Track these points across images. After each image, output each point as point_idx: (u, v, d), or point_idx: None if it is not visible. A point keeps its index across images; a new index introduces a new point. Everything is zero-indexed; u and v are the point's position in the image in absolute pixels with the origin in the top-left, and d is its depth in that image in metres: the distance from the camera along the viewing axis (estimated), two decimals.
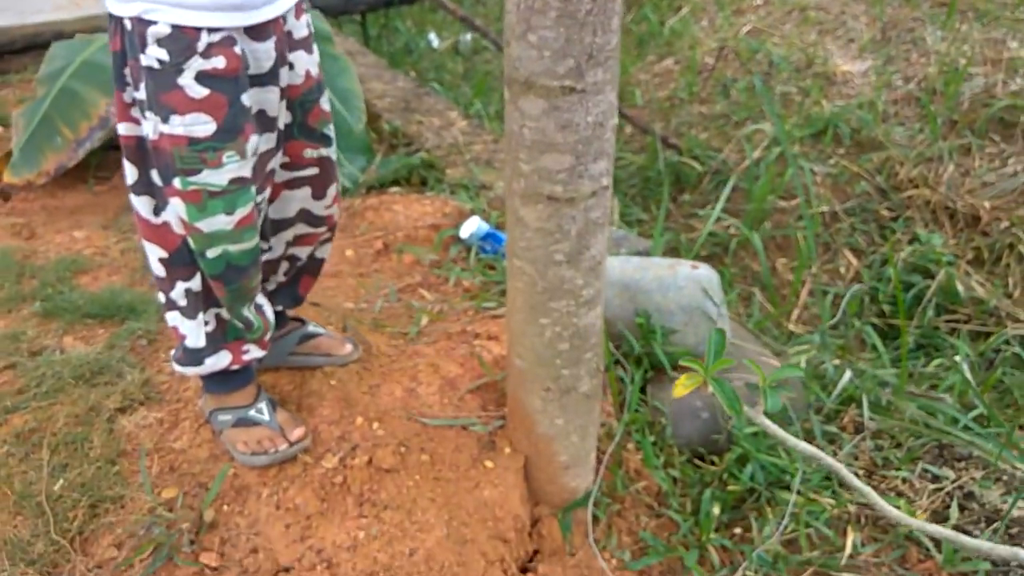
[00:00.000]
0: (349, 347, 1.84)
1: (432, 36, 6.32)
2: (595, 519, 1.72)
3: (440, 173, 3.17)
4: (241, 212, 1.37)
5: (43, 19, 4.16)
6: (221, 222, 1.36)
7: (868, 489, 1.17)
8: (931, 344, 3.01)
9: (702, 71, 4.60)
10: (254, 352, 1.60)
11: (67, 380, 1.82)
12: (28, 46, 4.11)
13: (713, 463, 1.93)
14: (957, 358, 2.44)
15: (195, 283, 1.48)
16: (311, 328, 1.84)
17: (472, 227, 2.53)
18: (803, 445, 1.18)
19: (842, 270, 3.37)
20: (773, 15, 5.00)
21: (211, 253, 1.38)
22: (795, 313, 3.18)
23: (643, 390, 2.04)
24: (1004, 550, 1.11)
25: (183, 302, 1.49)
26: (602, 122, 1.32)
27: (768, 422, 1.16)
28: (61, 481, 1.57)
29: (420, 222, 2.71)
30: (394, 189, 3.04)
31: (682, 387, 1.12)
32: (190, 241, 1.39)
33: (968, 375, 2.32)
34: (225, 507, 1.53)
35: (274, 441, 1.59)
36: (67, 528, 1.50)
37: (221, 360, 1.55)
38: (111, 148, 3.01)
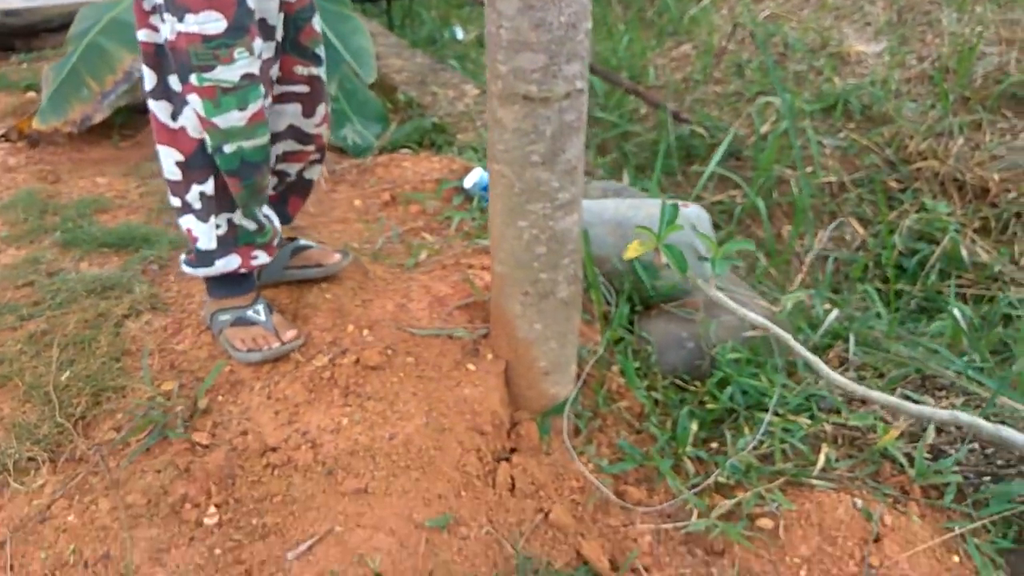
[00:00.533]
0: (338, 256, 1.93)
1: (457, 28, 6.44)
2: (576, 431, 1.78)
3: (451, 137, 3.27)
4: (253, 107, 1.47)
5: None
6: (235, 118, 1.46)
7: (814, 358, 1.22)
8: (934, 307, 3.02)
9: (718, 54, 4.66)
10: (262, 258, 1.70)
11: (80, 293, 1.93)
12: (64, 25, 4.30)
13: (696, 388, 1.97)
14: (952, 309, 2.46)
15: (208, 186, 1.58)
16: (302, 242, 1.94)
17: (475, 177, 2.62)
18: (751, 315, 1.24)
19: (848, 238, 3.39)
20: (792, 1, 5.05)
21: (228, 148, 1.49)
22: (798, 279, 3.21)
23: (631, 323, 2.09)
24: (944, 414, 1.15)
25: (197, 205, 1.60)
26: (575, 23, 1.40)
27: (715, 290, 1.22)
28: (68, 373, 1.68)
29: (427, 176, 2.80)
30: (405, 150, 3.13)
31: (633, 250, 1.18)
32: (207, 137, 1.50)
33: (961, 321, 2.34)
34: (220, 398, 1.62)
35: (268, 339, 1.68)
36: (71, 413, 1.60)
37: (231, 263, 1.65)
38: (137, 111, 3.17)
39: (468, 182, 2.63)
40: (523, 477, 1.55)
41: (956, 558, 1.55)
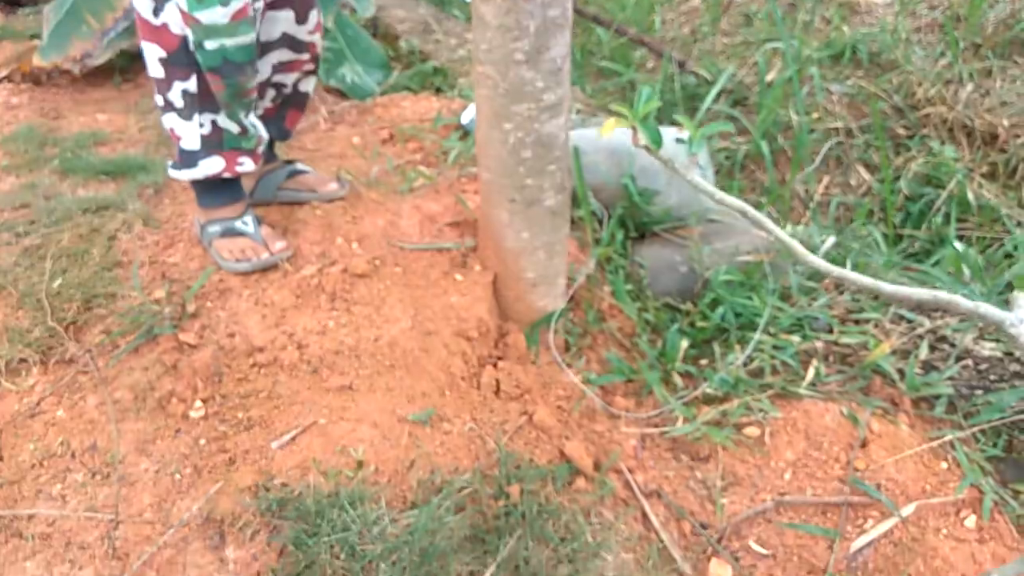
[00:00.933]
0: (335, 185, 1.93)
1: None
2: (565, 346, 1.78)
3: (452, 80, 3.25)
4: (235, 4, 1.47)
5: None
6: (218, 14, 1.46)
7: (781, 231, 1.21)
8: (937, 251, 2.99)
9: (726, 6, 4.60)
10: (247, 165, 1.70)
11: (75, 212, 1.95)
12: None
13: (687, 309, 1.97)
14: (953, 242, 2.44)
15: (191, 84, 1.58)
16: (299, 166, 1.94)
17: (472, 113, 2.60)
18: (729, 198, 1.23)
19: (853, 183, 3.36)
20: None
21: (209, 44, 1.49)
22: (802, 221, 3.19)
23: (625, 248, 2.08)
24: (924, 293, 1.14)
25: (180, 103, 1.60)
26: None
27: (698, 178, 1.21)
28: (60, 282, 1.69)
29: (426, 115, 2.79)
30: (405, 91, 3.12)
31: (608, 128, 1.18)
32: (189, 33, 1.49)
33: (959, 249, 2.32)
34: (208, 303, 1.63)
35: (256, 250, 1.69)
36: (62, 318, 1.61)
37: (214, 165, 1.65)
38: (138, 55, 3.17)
39: (465, 118, 2.61)
40: (508, 380, 1.55)
41: (944, 464, 1.54)
